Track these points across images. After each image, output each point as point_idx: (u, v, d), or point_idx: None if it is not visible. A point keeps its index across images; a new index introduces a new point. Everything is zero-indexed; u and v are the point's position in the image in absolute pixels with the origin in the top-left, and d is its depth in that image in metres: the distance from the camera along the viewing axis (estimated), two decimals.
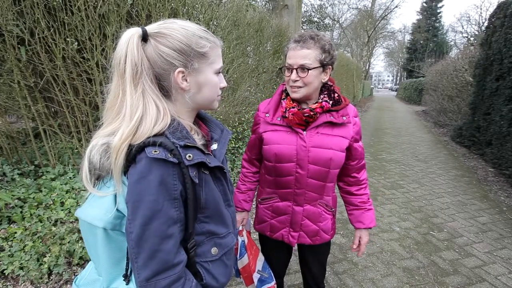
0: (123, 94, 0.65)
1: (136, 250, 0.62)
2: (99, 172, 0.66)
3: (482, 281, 2.23)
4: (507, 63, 4.69)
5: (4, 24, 1.97)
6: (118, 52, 0.66)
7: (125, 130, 0.63)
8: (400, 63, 47.12)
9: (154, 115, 0.65)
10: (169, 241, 0.63)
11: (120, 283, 0.71)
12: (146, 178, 0.61)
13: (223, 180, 0.79)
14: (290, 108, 1.17)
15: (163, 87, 0.70)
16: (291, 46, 1.13)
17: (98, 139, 0.66)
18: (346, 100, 1.23)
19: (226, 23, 3.61)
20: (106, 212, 0.66)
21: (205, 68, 0.72)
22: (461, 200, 3.79)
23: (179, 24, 0.70)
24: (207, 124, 0.88)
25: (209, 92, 0.76)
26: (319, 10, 13.53)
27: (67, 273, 1.93)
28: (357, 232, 1.35)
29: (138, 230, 0.61)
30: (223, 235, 0.79)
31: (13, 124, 2.83)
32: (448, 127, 8.67)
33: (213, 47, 0.73)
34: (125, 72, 0.65)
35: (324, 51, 1.09)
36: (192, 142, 0.67)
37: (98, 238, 0.67)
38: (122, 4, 2.30)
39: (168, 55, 0.67)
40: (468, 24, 33.62)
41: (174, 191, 0.64)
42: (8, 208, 2.09)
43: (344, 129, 1.19)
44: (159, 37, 0.67)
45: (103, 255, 0.69)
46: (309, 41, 1.09)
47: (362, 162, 1.31)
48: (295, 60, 1.10)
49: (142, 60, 0.65)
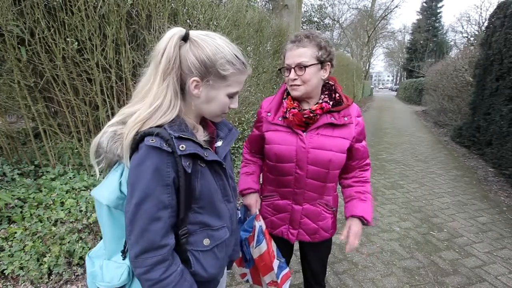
0: (153, 82, 0.73)
1: (130, 228, 0.70)
2: (107, 154, 0.75)
3: (482, 281, 2.23)
4: (507, 63, 4.69)
5: (4, 24, 1.97)
6: (160, 45, 0.73)
7: (142, 113, 0.72)
8: (400, 63, 47.16)
9: (166, 108, 0.73)
10: (157, 223, 0.70)
11: (118, 258, 0.80)
12: (143, 163, 0.69)
13: (223, 176, 0.83)
14: (290, 109, 1.17)
15: (181, 87, 0.77)
16: (288, 47, 1.15)
17: (109, 127, 0.76)
18: (349, 99, 1.22)
19: (226, 23, 3.61)
20: (111, 192, 0.75)
21: (220, 88, 0.78)
22: (461, 200, 3.79)
23: (216, 41, 0.76)
24: (215, 123, 0.91)
25: (216, 108, 0.81)
26: (319, 10, 13.53)
27: (67, 273, 1.93)
28: (348, 221, 1.25)
29: (133, 209, 0.69)
30: (217, 227, 0.83)
31: (13, 124, 2.83)
32: (448, 127, 8.67)
33: (236, 74, 0.78)
34: (160, 64, 0.72)
35: (320, 48, 1.10)
36: (188, 135, 0.73)
37: (103, 214, 0.77)
38: (122, 4, 2.30)
39: (192, 63, 0.73)
40: (468, 24, 33.64)
41: (167, 178, 0.70)
42: (8, 208, 2.09)
43: (345, 129, 1.19)
44: (194, 44, 0.74)
45: (107, 231, 0.79)
46: (304, 40, 1.10)
47: (364, 162, 1.29)
48: (292, 59, 1.12)
49: (176, 59, 0.72)
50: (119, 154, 0.74)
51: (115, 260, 0.80)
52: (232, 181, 0.91)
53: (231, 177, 0.90)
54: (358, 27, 29.51)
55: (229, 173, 0.88)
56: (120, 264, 0.78)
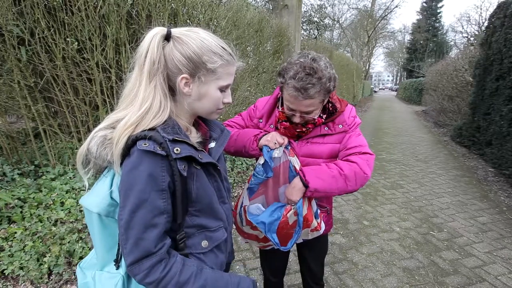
0: (139, 85, 0.71)
1: (125, 236, 0.67)
2: (97, 161, 0.71)
3: (482, 281, 2.23)
4: (507, 63, 4.69)
5: (4, 24, 1.97)
6: (142, 46, 0.71)
7: (132, 117, 0.69)
8: (400, 63, 47.13)
9: (156, 110, 0.70)
10: (153, 230, 0.67)
11: (111, 268, 0.77)
12: (136, 169, 0.66)
13: (217, 177, 0.82)
14: (282, 121, 1.14)
15: (170, 87, 0.75)
16: (291, 93, 1.01)
17: (98, 132, 0.72)
18: (343, 104, 1.19)
19: (226, 23, 3.61)
20: (102, 199, 0.72)
21: (210, 82, 0.75)
22: (461, 200, 3.79)
23: (200, 35, 0.73)
24: (207, 123, 0.90)
25: (209, 104, 0.78)
26: (319, 10, 13.49)
27: (67, 273, 1.93)
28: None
29: (127, 217, 0.66)
30: (214, 228, 0.82)
31: (13, 124, 2.83)
32: (448, 127, 8.67)
33: (225, 65, 0.76)
34: (144, 67, 0.70)
35: (328, 92, 1.04)
36: (182, 138, 0.71)
37: (94, 223, 0.74)
38: (122, 4, 2.30)
39: (179, 60, 0.71)
40: (468, 24, 33.63)
41: (162, 182, 0.68)
42: (8, 208, 2.09)
43: (336, 136, 1.17)
44: (177, 42, 0.72)
45: (98, 240, 0.76)
46: (311, 90, 0.99)
47: (351, 151, 1.14)
48: (298, 108, 1.05)
49: (160, 59, 0.70)
50: (109, 160, 0.70)
51: (108, 270, 0.77)
52: (226, 183, 0.89)
53: (225, 178, 0.88)
54: (358, 27, 29.49)
55: (223, 174, 0.86)
56: (114, 274, 0.76)
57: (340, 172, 1.07)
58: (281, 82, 1.07)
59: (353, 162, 1.09)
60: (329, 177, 1.06)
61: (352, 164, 1.09)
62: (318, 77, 0.99)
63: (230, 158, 4.04)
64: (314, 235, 1.21)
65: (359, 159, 1.10)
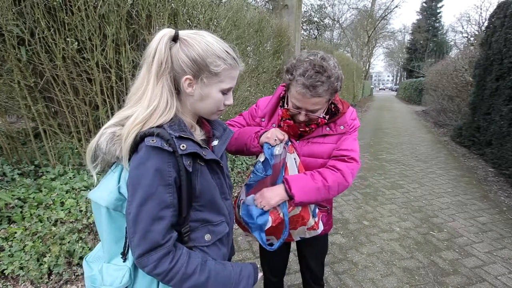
0: (147, 84, 0.74)
1: (133, 229, 0.69)
2: (105, 156, 0.74)
3: (482, 281, 2.23)
4: (507, 63, 4.69)
5: (4, 24, 1.97)
6: (150, 47, 0.74)
7: (140, 115, 0.72)
8: (400, 63, 47.12)
9: (163, 108, 0.74)
10: (160, 223, 0.70)
11: (118, 260, 0.79)
12: (144, 164, 0.69)
13: (220, 174, 0.85)
14: (285, 119, 1.15)
15: (176, 87, 0.78)
16: (299, 90, 1.02)
17: (107, 129, 0.75)
18: (344, 105, 1.20)
19: (226, 23, 3.61)
20: (110, 193, 0.75)
21: (212, 84, 0.78)
22: (461, 200, 3.79)
23: (206, 38, 0.76)
24: (210, 122, 0.93)
25: (210, 105, 0.81)
26: (319, 10, 13.48)
27: (67, 273, 1.93)
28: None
29: (135, 210, 0.69)
30: (217, 223, 0.85)
31: (13, 124, 2.83)
32: (448, 127, 8.67)
33: (228, 69, 0.79)
34: (152, 67, 0.73)
35: (335, 91, 1.05)
36: (187, 135, 0.74)
37: (102, 216, 0.76)
38: (122, 4, 2.30)
39: (184, 62, 0.74)
40: (468, 24, 33.53)
41: (168, 177, 0.70)
42: (8, 208, 2.09)
43: (336, 136, 1.19)
44: (184, 44, 0.75)
45: (106, 233, 0.78)
46: (319, 88, 1.00)
47: (342, 153, 1.14)
48: (305, 105, 1.06)
49: (167, 59, 0.73)
50: (118, 156, 0.74)
51: (115, 262, 0.79)
52: (228, 180, 0.93)
53: (227, 175, 0.92)
54: (358, 27, 29.46)
55: (225, 172, 0.90)
56: (121, 266, 0.78)
57: (324, 184, 1.08)
58: (289, 79, 1.07)
59: (339, 170, 1.11)
60: (314, 190, 1.07)
61: (336, 173, 1.10)
62: (327, 75, 1.00)
63: (230, 158, 4.04)
64: (311, 234, 1.22)
65: (345, 167, 1.11)
